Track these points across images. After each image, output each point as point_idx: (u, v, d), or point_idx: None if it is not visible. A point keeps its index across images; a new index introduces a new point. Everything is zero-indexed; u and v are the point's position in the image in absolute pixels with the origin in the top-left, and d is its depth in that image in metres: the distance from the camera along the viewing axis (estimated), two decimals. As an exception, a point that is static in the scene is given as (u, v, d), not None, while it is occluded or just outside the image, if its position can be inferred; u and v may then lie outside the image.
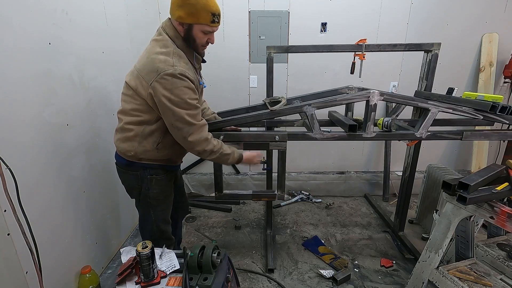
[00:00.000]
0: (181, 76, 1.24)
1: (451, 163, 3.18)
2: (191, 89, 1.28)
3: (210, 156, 1.41)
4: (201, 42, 1.35)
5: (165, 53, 1.27)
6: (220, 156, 1.43)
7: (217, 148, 1.40)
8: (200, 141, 1.34)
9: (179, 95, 1.25)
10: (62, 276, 1.55)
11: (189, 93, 1.28)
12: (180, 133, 1.31)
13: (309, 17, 2.68)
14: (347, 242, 2.40)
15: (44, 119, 1.41)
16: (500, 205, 1.32)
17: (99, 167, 1.87)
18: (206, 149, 1.37)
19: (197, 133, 1.33)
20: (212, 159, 1.43)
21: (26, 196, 1.21)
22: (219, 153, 1.41)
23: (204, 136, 1.35)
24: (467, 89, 2.94)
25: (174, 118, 1.28)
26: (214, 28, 1.33)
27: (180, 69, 1.24)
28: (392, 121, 1.69)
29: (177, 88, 1.24)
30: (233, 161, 1.50)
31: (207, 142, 1.37)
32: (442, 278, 1.47)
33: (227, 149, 1.46)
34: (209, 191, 3.14)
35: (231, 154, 1.47)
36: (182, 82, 1.25)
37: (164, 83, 1.23)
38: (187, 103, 1.27)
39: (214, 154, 1.41)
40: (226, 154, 1.45)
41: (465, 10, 2.69)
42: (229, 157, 1.47)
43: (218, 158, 1.44)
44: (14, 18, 1.22)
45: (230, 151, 1.47)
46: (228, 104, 2.44)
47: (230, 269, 1.36)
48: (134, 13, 2.24)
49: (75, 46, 1.61)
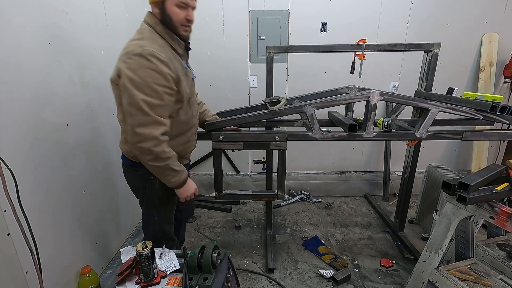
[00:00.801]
0: (148, 57, 1.13)
1: (451, 163, 3.18)
2: (159, 73, 1.15)
3: (153, 162, 1.22)
4: (178, 19, 1.25)
5: (138, 39, 1.22)
6: (164, 167, 1.24)
7: (164, 156, 1.22)
8: (148, 138, 1.17)
9: (143, 76, 1.13)
10: (62, 276, 1.55)
11: (155, 77, 1.15)
12: (130, 121, 1.16)
13: (309, 17, 2.68)
14: (347, 242, 2.40)
15: (44, 119, 1.41)
16: (500, 205, 1.32)
17: (99, 167, 1.87)
18: (152, 150, 1.18)
19: (148, 127, 1.16)
20: (154, 166, 1.24)
21: (26, 196, 1.21)
22: (165, 163, 1.23)
23: (155, 134, 1.17)
24: (467, 89, 2.94)
25: (129, 102, 1.14)
26: (188, 0, 1.24)
27: (149, 49, 1.14)
28: (392, 121, 1.69)
29: (142, 69, 1.13)
30: (175, 182, 1.31)
31: (157, 143, 1.18)
32: (442, 278, 1.47)
33: (178, 165, 1.29)
34: (209, 191, 3.14)
35: (178, 172, 1.29)
36: (149, 63, 1.13)
37: (129, 63, 1.13)
38: (150, 87, 1.14)
39: (158, 161, 1.22)
40: (172, 169, 1.26)
41: (465, 10, 2.69)
42: (174, 174, 1.28)
43: (161, 168, 1.25)
44: (14, 18, 1.22)
45: (179, 169, 1.29)
46: (228, 104, 2.44)
47: (230, 269, 1.36)
48: (134, 12, 2.24)
49: (75, 46, 1.61)
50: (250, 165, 3.14)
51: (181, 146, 1.42)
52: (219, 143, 1.61)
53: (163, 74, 1.17)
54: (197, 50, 2.67)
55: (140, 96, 1.13)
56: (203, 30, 2.65)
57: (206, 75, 2.77)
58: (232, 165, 3.13)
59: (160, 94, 1.17)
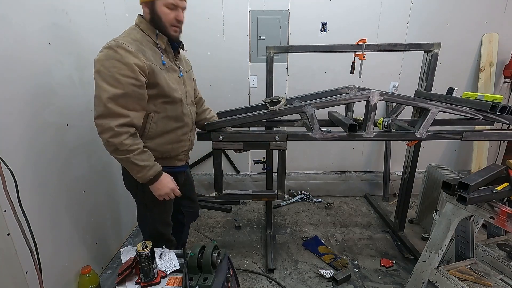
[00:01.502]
0: (115, 48, 1.14)
1: (451, 163, 3.18)
2: (124, 63, 1.14)
3: (114, 154, 1.20)
4: (168, 19, 1.26)
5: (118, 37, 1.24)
6: (125, 160, 1.21)
7: (124, 149, 1.18)
8: (105, 129, 1.15)
9: (108, 67, 1.13)
10: (62, 276, 1.55)
11: (119, 67, 1.14)
12: (95, 110, 1.17)
13: (309, 17, 2.68)
14: (347, 242, 2.40)
15: (44, 119, 1.41)
16: (500, 205, 1.32)
17: (99, 167, 1.87)
18: (109, 141, 1.16)
19: (105, 118, 1.14)
20: (117, 158, 1.22)
21: (26, 196, 1.21)
22: (125, 156, 1.19)
23: (111, 125, 1.14)
24: (467, 89, 2.94)
25: (95, 93, 1.16)
26: (177, 1, 1.25)
27: (117, 42, 1.16)
28: (392, 121, 1.69)
29: (108, 60, 1.14)
30: (141, 177, 1.26)
31: (113, 134, 1.15)
32: (442, 278, 1.47)
33: (142, 161, 1.23)
34: (209, 191, 3.14)
35: (142, 167, 1.23)
36: (115, 54, 1.14)
37: (99, 55, 1.16)
38: (114, 77, 1.14)
39: (118, 153, 1.19)
40: (134, 163, 1.21)
41: (465, 10, 2.69)
42: (138, 169, 1.23)
43: (123, 161, 1.23)
44: (14, 18, 1.22)
45: (143, 164, 1.23)
46: (228, 104, 2.44)
47: (230, 269, 1.36)
48: (134, 13, 2.23)
49: (75, 46, 1.62)
50: (250, 165, 3.13)
51: (170, 145, 1.39)
52: (219, 143, 1.61)
53: (128, 65, 1.15)
54: (197, 51, 2.71)
55: (103, 87, 1.14)
56: (203, 31, 2.65)
57: (206, 75, 2.77)
58: (232, 165, 3.13)
59: (123, 84, 1.15)
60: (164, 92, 1.29)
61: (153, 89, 1.26)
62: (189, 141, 1.51)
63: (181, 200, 1.64)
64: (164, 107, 1.32)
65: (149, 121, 1.30)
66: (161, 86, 1.27)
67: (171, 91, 1.31)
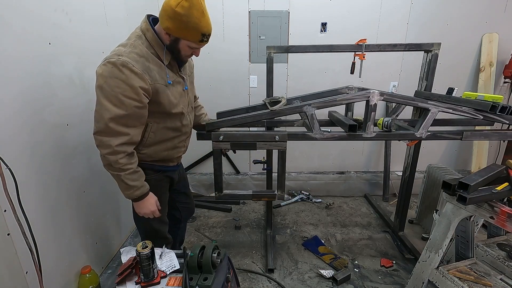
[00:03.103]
0: (121, 67, 1.12)
1: (451, 163, 3.17)
2: (128, 84, 1.14)
3: (107, 168, 1.24)
4: (185, 54, 1.30)
5: (123, 45, 1.22)
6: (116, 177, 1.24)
7: (117, 167, 1.20)
8: (103, 144, 1.18)
9: (112, 86, 1.13)
10: (62, 276, 1.55)
11: (123, 88, 1.13)
12: (94, 126, 1.18)
13: (309, 17, 2.68)
14: (347, 242, 2.40)
15: (44, 119, 1.41)
16: (500, 205, 1.32)
17: (99, 167, 1.86)
18: (106, 157, 1.19)
19: (105, 136, 1.17)
20: (109, 172, 1.25)
21: (26, 196, 1.21)
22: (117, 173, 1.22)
23: (111, 143, 1.17)
24: (467, 89, 2.94)
25: (96, 108, 1.17)
26: (201, 45, 1.28)
27: (123, 59, 1.13)
28: (392, 121, 1.69)
29: (112, 79, 1.12)
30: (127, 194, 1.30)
31: (111, 151, 1.18)
32: (442, 278, 1.47)
33: (132, 181, 1.25)
34: (209, 191, 3.14)
35: (131, 187, 1.26)
36: (120, 74, 1.12)
37: (103, 69, 1.14)
38: (117, 98, 1.14)
39: (111, 169, 1.22)
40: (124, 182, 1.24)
41: (465, 10, 2.69)
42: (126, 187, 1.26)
43: (114, 176, 1.25)
44: (14, 18, 1.22)
45: (132, 184, 1.26)
46: (228, 104, 2.44)
47: (230, 269, 1.36)
48: (134, 13, 2.24)
49: (75, 46, 1.61)
50: (250, 165, 3.13)
51: (166, 151, 1.42)
52: (219, 143, 1.61)
53: (133, 87, 1.15)
54: (197, 50, 2.70)
55: (105, 105, 1.14)
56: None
57: (206, 76, 2.77)
58: (232, 165, 3.13)
59: (126, 106, 1.16)
60: (165, 110, 1.31)
61: (154, 106, 1.28)
62: (184, 147, 1.55)
63: (177, 196, 1.66)
64: (164, 119, 1.34)
65: (148, 130, 1.32)
66: (162, 105, 1.29)
67: (172, 108, 1.33)
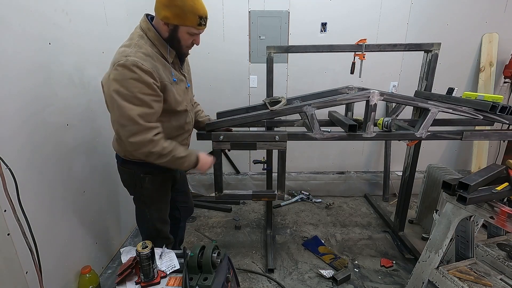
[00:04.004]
0: (132, 67, 1.14)
1: (451, 163, 3.17)
2: (143, 82, 1.16)
3: (159, 160, 1.26)
4: (186, 44, 1.30)
5: (126, 45, 1.23)
6: (172, 160, 1.28)
7: (167, 151, 1.25)
8: (144, 143, 1.20)
9: (128, 87, 1.14)
10: (62, 276, 1.55)
11: (140, 87, 1.16)
12: (122, 132, 1.19)
13: (309, 17, 2.68)
14: (347, 242, 2.40)
15: (44, 119, 1.41)
16: (500, 205, 1.32)
17: (99, 167, 1.87)
18: (153, 151, 1.22)
19: (140, 134, 1.19)
20: (163, 162, 1.28)
21: (26, 196, 1.21)
22: (171, 156, 1.27)
23: (148, 137, 1.20)
24: (467, 89, 2.94)
25: (119, 113, 1.16)
26: (200, 30, 1.28)
27: (132, 59, 1.14)
28: (392, 121, 1.69)
29: (126, 80, 1.14)
30: (189, 164, 1.36)
31: (153, 144, 1.22)
32: (442, 278, 1.47)
33: (182, 152, 1.32)
34: (209, 191, 3.14)
35: (186, 157, 1.33)
36: (132, 74, 1.14)
37: (115, 75, 1.14)
38: (137, 98, 1.16)
39: (164, 158, 1.26)
40: (180, 158, 1.30)
41: (465, 10, 2.69)
42: (184, 160, 1.32)
43: (171, 162, 1.29)
44: (14, 18, 1.22)
45: (185, 153, 1.33)
46: (228, 104, 2.44)
47: (230, 269, 1.36)
48: (134, 13, 2.24)
49: (75, 46, 1.61)
50: (250, 165, 3.13)
51: None
52: (219, 143, 1.61)
53: (148, 84, 1.17)
54: (197, 51, 2.67)
55: (128, 107, 1.15)
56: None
57: (206, 76, 2.77)
58: (232, 165, 3.13)
59: (148, 102, 1.18)
60: (171, 108, 1.33)
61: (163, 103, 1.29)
62: (187, 145, 1.56)
63: (177, 196, 1.68)
64: (170, 117, 1.36)
65: None
66: (168, 103, 1.30)
67: (177, 106, 1.35)
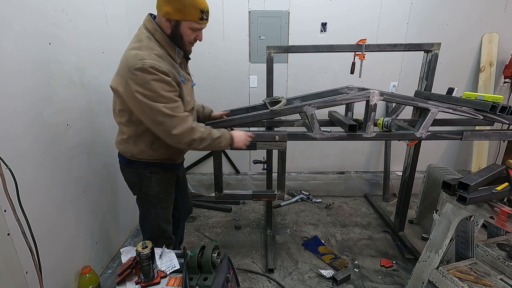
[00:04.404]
0: (151, 70, 1.18)
1: (451, 163, 3.17)
2: (164, 81, 1.21)
3: (201, 144, 1.34)
4: (189, 39, 1.32)
5: (136, 48, 1.23)
6: (211, 142, 1.36)
7: (206, 134, 1.33)
8: (185, 132, 1.27)
9: (153, 89, 1.19)
10: (62, 276, 1.55)
11: (162, 86, 1.21)
12: (162, 128, 1.25)
13: (309, 17, 2.68)
14: (347, 242, 2.40)
15: (44, 119, 1.41)
16: (500, 205, 1.32)
17: (99, 167, 1.87)
18: (195, 138, 1.29)
19: (180, 125, 1.25)
20: (205, 147, 1.36)
21: (26, 196, 1.21)
22: (210, 138, 1.35)
23: (188, 125, 1.27)
24: (467, 89, 2.94)
25: (153, 113, 1.22)
26: (202, 25, 1.30)
27: (149, 62, 1.18)
28: (392, 121, 1.69)
29: (148, 83, 1.18)
30: (226, 143, 1.43)
31: (194, 131, 1.29)
32: (442, 278, 1.47)
33: (217, 132, 1.40)
34: (209, 191, 3.14)
35: (222, 136, 1.41)
36: (152, 75, 1.18)
37: (135, 79, 1.18)
38: (163, 96, 1.21)
39: (205, 142, 1.34)
40: (217, 138, 1.38)
41: (465, 10, 2.69)
42: (221, 140, 1.40)
43: (211, 145, 1.37)
44: (14, 18, 1.22)
45: (220, 133, 1.41)
46: (228, 104, 2.44)
47: (230, 269, 1.36)
48: (134, 13, 2.24)
49: (75, 46, 1.61)
50: (250, 165, 3.13)
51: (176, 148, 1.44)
52: (219, 143, 1.61)
53: (167, 82, 1.23)
54: (197, 51, 2.66)
55: (159, 106, 1.20)
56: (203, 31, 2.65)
57: (206, 76, 2.77)
58: (232, 165, 3.13)
59: (172, 97, 1.25)
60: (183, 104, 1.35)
61: None
62: None
63: (177, 195, 1.69)
64: None
65: None
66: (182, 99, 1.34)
67: (186, 105, 1.38)
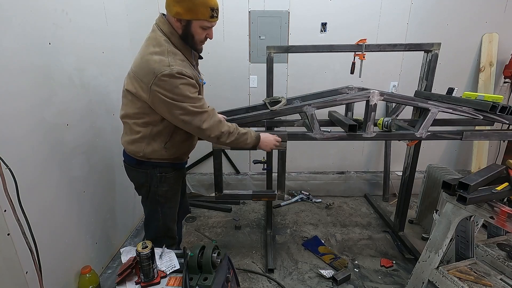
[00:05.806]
0: (179, 75, 1.22)
1: (451, 163, 3.18)
2: (189, 84, 1.27)
3: (229, 138, 1.40)
4: (200, 38, 1.34)
5: (159, 53, 1.25)
6: (238, 137, 1.42)
7: (233, 128, 1.40)
8: (214, 125, 1.34)
9: (181, 93, 1.24)
10: (62, 276, 1.55)
11: (189, 88, 1.27)
12: (193, 125, 1.30)
13: (309, 17, 2.68)
14: (347, 242, 2.40)
15: (44, 119, 1.40)
16: (500, 205, 1.32)
17: (99, 167, 1.87)
18: (223, 131, 1.36)
19: (209, 119, 1.32)
20: (232, 141, 1.41)
21: (26, 196, 1.21)
22: (237, 133, 1.41)
23: (216, 119, 1.35)
24: (467, 89, 2.94)
25: (182, 113, 1.27)
26: (213, 23, 1.31)
27: (176, 68, 1.22)
28: (392, 121, 1.69)
29: (177, 87, 1.23)
30: (252, 141, 1.48)
31: (222, 124, 1.37)
32: (442, 278, 1.47)
33: (242, 128, 1.46)
34: (209, 191, 3.14)
35: (248, 133, 1.46)
36: (180, 80, 1.23)
37: (163, 85, 1.22)
38: (190, 97, 1.27)
39: (232, 135, 1.40)
40: (243, 134, 1.44)
41: (465, 10, 2.69)
42: (247, 136, 1.45)
43: (238, 140, 1.43)
44: (14, 18, 1.22)
45: (246, 130, 1.46)
46: (228, 104, 2.44)
47: (230, 269, 1.36)
48: (134, 12, 2.24)
49: (75, 46, 1.61)
50: (250, 165, 3.13)
51: (187, 148, 1.52)
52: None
53: (193, 84, 1.29)
54: (197, 50, 2.71)
55: (187, 105, 1.27)
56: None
57: (206, 75, 2.74)
58: (232, 165, 3.13)
59: (197, 97, 1.31)
60: None
61: None
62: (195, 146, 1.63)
63: None
64: None
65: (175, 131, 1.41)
66: None
67: None
